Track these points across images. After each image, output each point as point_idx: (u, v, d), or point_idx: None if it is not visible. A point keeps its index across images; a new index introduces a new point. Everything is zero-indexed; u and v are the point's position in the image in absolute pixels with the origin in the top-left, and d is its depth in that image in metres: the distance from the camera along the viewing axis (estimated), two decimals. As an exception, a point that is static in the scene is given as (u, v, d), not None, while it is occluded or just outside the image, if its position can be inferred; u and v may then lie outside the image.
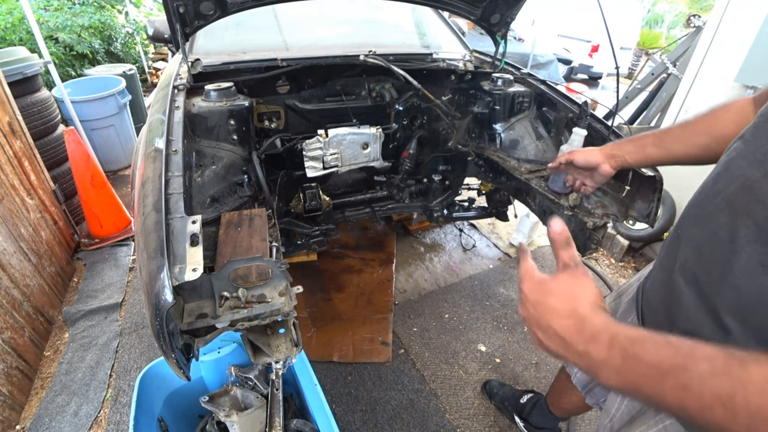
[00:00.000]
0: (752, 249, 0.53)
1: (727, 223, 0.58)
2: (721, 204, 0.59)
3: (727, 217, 0.58)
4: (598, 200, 1.59)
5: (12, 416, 1.60)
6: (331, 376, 1.85)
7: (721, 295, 0.58)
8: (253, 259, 0.84)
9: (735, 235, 0.56)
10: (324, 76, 1.81)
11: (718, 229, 0.59)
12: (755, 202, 0.53)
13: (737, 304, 0.56)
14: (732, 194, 0.58)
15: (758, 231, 0.53)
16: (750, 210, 0.54)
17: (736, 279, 0.55)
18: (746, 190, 0.55)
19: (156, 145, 1.07)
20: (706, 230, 0.62)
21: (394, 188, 2.24)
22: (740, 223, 0.55)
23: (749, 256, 0.54)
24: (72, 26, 4.13)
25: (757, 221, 0.53)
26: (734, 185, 0.58)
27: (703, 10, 11.25)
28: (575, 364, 0.53)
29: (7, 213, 1.85)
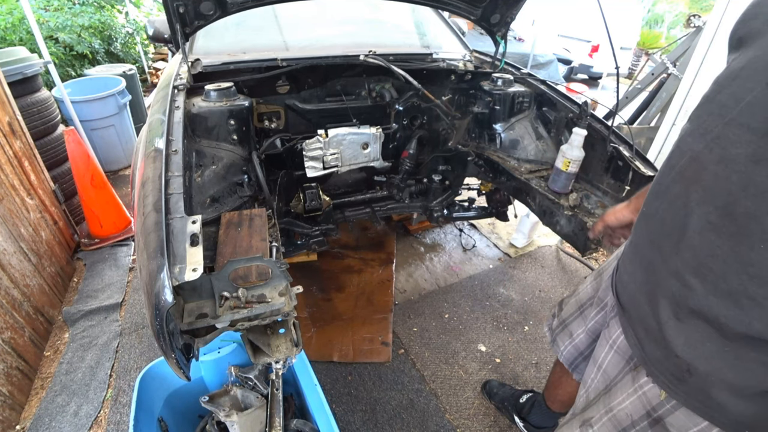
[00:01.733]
0: (701, 210, 0.60)
1: (680, 192, 0.65)
2: (675, 177, 0.67)
3: (680, 186, 0.65)
4: (598, 200, 1.59)
5: (12, 416, 1.60)
6: (331, 376, 1.85)
7: (680, 256, 0.64)
8: (253, 259, 0.84)
9: (687, 201, 0.63)
10: (324, 76, 1.81)
11: (674, 198, 0.66)
12: (702, 169, 0.61)
13: (694, 261, 0.62)
14: (683, 166, 0.65)
15: (704, 193, 0.60)
16: (698, 177, 0.62)
17: (691, 239, 0.62)
18: (693, 161, 0.63)
19: (156, 145, 1.07)
20: (665, 201, 0.69)
21: (394, 188, 2.24)
22: (691, 189, 0.63)
23: (699, 217, 0.61)
24: (72, 26, 4.13)
25: (704, 185, 0.60)
26: (684, 159, 0.65)
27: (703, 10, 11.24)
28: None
29: (7, 213, 1.85)
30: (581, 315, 1.13)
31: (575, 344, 1.15)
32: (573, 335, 1.15)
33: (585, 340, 1.12)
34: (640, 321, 0.76)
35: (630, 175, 1.45)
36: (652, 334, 0.72)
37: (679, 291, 0.65)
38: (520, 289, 2.44)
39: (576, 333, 1.14)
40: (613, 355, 0.91)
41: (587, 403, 0.96)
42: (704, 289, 0.61)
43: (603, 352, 0.94)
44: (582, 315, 1.13)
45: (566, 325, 1.19)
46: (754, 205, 0.54)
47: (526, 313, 2.27)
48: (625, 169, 1.47)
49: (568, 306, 1.21)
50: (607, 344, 0.93)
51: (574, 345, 1.15)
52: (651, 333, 0.72)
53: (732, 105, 0.58)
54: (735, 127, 0.57)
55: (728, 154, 0.57)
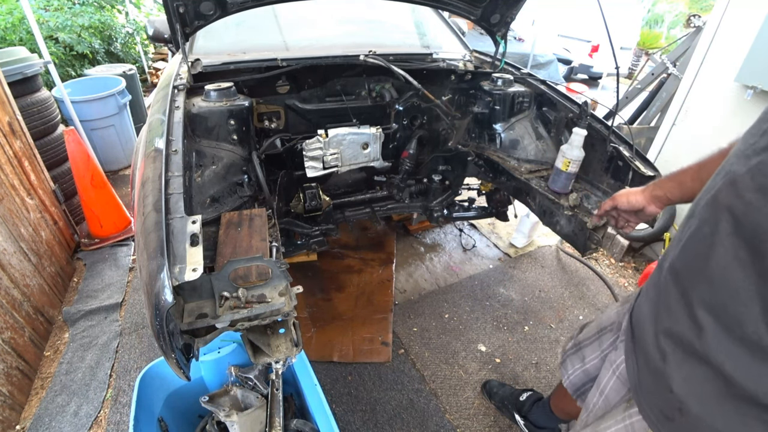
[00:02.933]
0: (729, 242, 0.54)
1: (710, 217, 0.58)
2: (709, 199, 0.60)
3: (712, 211, 0.58)
4: (598, 200, 1.59)
5: (12, 416, 1.60)
6: (331, 376, 1.85)
7: (697, 289, 0.58)
8: (253, 259, 0.84)
9: (716, 229, 0.56)
10: (324, 76, 1.81)
11: (703, 223, 0.60)
12: (736, 196, 0.54)
13: (711, 297, 0.56)
14: (719, 189, 0.58)
15: (735, 224, 0.53)
16: (730, 204, 0.55)
17: (712, 272, 0.56)
18: (730, 184, 0.56)
19: (156, 145, 1.07)
20: (694, 224, 0.62)
21: (394, 188, 2.24)
22: (721, 216, 0.56)
23: (726, 249, 0.54)
24: (72, 26, 4.13)
25: (735, 215, 0.54)
26: (723, 181, 0.58)
27: (703, 10, 11.24)
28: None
29: (7, 213, 1.85)
30: (598, 340, 1.06)
31: (586, 369, 1.08)
32: (585, 359, 1.08)
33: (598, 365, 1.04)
34: (643, 349, 0.71)
35: (630, 175, 1.45)
36: (651, 364, 0.67)
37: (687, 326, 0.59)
38: (520, 289, 2.44)
39: (589, 357, 1.07)
40: (615, 381, 0.87)
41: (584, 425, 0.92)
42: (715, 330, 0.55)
43: (606, 377, 0.90)
44: (599, 340, 1.06)
45: (580, 348, 1.12)
46: None
47: (526, 313, 2.27)
48: (625, 169, 1.47)
49: (587, 329, 1.14)
50: (611, 369, 0.89)
51: (584, 370, 1.08)
52: (651, 362, 0.67)
53: None
54: None
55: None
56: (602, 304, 2.38)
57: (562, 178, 1.60)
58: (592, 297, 2.42)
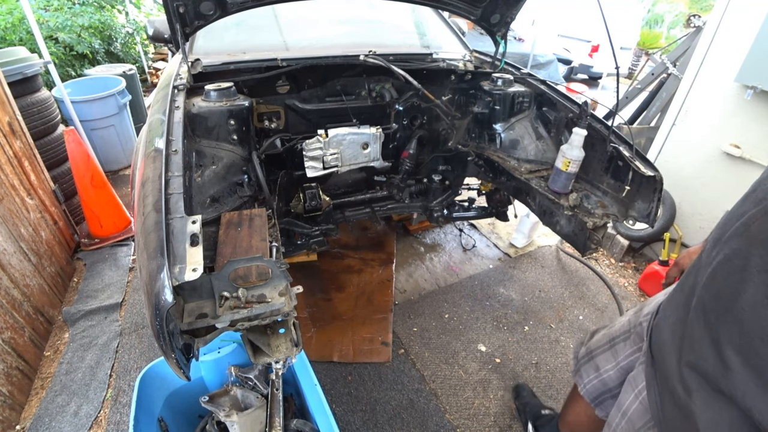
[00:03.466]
0: (761, 279, 0.49)
1: (741, 249, 0.53)
2: (740, 228, 0.55)
3: (743, 242, 0.54)
4: (598, 200, 1.59)
5: (12, 416, 1.60)
6: (331, 376, 1.85)
7: (725, 327, 0.54)
8: (253, 259, 0.84)
9: (747, 264, 0.51)
10: (324, 76, 1.81)
11: (732, 255, 0.55)
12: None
13: (740, 338, 0.52)
14: (752, 218, 0.54)
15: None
16: (765, 238, 0.50)
17: (741, 311, 0.52)
18: (766, 215, 0.51)
19: (156, 145, 1.07)
20: (722, 254, 0.57)
21: (394, 188, 2.24)
22: (754, 250, 0.51)
23: (757, 287, 0.50)
24: (72, 26, 4.13)
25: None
26: (757, 209, 0.53)
27: (703, 10, 11.24)
28: None
29: (7, 213, 1.85)
30: (611, 349, 1.06)
31: (602, 380, 1.07)
32: (600, 369, 1.08)
33: (615, 378, 1.03)
34: (666, 380, 0.67)
35: (630, 175, 1.45)
36: (676, 399, 0.63)
37: (714, 366, 0.55)
38: (520, 289, 2.44)
39: (604, 368, 1.07)
40: (638, 405, 0.84)
41: None
42: (744, 372, 0.51)
43: (628, 399, 0.87)
44: (612, 349, 1.05)
45: (593, 357, 1.11)
46: None
47: (526, 313, 2.27)
48: (625, 169, 1.47)
49: (598, 335, 1.13)
50: (633, 392, 0.86)
51: (601, 380, 1.08)
52: (675, 397, 0.63)
53: None
54: None
55: None
56: (602, 304, 2.38)
57: (562, 178, 1.60)
58: (592, 297, 2.42)
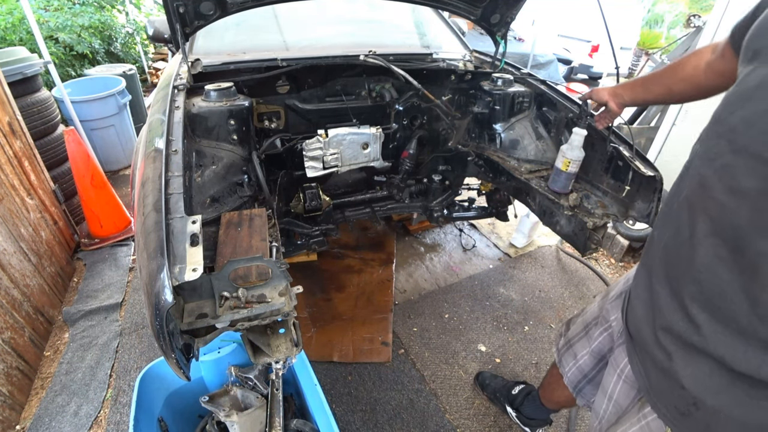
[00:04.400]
0: (709, 243, 0.57)
1: (687, 220, 0.61)
2: (683, 203, 0.63)
3: (687, 214, 0.61)
4: (598, 200, 1.59)
5: (12, 416, 1.60)
6: (331, 376, 1.85)
7: (687, 289, 0.61)
8: (253, 259, 0.84)
9: (694, 231, 0.59)
10: (324, 76, 1.81)
11: (681, 226, 0.63)
12: (708, 198, 0.57)
13: (701, 297, 0.58)
14: (691, 192, 0.62)
15: (713, 225, 0.56)
16: (705, 206, 0.58)
17: (698, 273, 0.58)
18: (701, 187, 0.59)
19: (156, 145, 1.07)
20: (672, 228, 0.65)
21: (394, 188, 2.24)
22: (697, 218, 0.59)
23: (706, 249, 0.57)
24: (72, 26, 4.13)
25: (711, 216, 0.57)
26: (693, 184, 0.62)
27: (703, 10, 11.23)
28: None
29: (7, 213, 1.85)
30: (586, 335, 1.10)
31: (579, 366, 1.11)
32: (577, 356, 1.11)
33: (589, 362, 1.08)
34: (646, 350, 0.73)
35: (630, 175, 1.45)
36: (659, 365, 0.68)
37: (685, 326, 0.61)
38: (520, 289, 2.44)
39: (580, 354, 1.10)
40: (623, 384, 0.87)
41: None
42: (711, 325, 0.57)
43: (612, 382, 0.90)
44: (587, 335, 1.09)
45: (571, 345, 1.15)
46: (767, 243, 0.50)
47: (526, 313, 2.27)
48: (625, 169, 1.47)
49: (574, 326, 1.18)
50: (615, 373, 0.89)
51: (578, 367, 1.11)
52: (658, 364, 0.69)
53: (742, 130, 0.54)
54: (746, 156, 0.52)
55: (738, 185, 0.53)
56: (602, 304, 2.38)
57: (562, 178, 1.60)
58: (592, 297, 2.42)
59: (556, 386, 1.43)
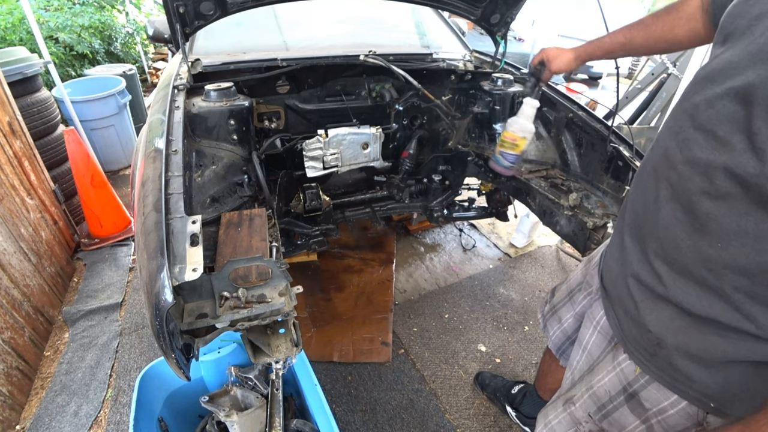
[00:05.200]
0: (669, 206, 0.65)
1: (653, 187, 0.70)
2: (650, 171, 0.72)
3: (653, 181, 0.70)
4: (598, 200, 1.59)
5: (12, 416, 1.60)
6: (331, 376, 1.85)
7: (651, 245, 0.70)
8: (253, 259, 0.84)
9: (658, 195, 0.68)
10: (324, 76, 1.81)
11: (647, 191, 0.72)
12: (670, 167, 0.66)
13: (662, 251, 0.68)
14: (656, 162, 0.71)
15: (673, 191, 0.65)
16: (667, 175, 0.66)
17: (660, 231, 0.68)
18: (664, 158, 0.68)
19: (156, 145, 1.07)
20: (640, 193, 0.75)
21: (394, 188, 2.24)
22: (660, 185, 0.68)
23: (667, 212, 0.66)
24: (72, 26, 4.13)
25: (672, 183, 0.65)
26: (658, 154, 0.70)
27: (703, 10, 11.19)
28: None
29: (7, 213, 1.85)
30: (570, 300, 1.16)
31: (563, 329, 1.17)
32: (562, 320, 1.18)
33: (573, 324, 1.14)
34: (619, 302, 0.82)
35: (630, 175, 1.45)
36: (629, 314, 0.78)
37: (650, 277, 0.71)
38: (520, 289, 2.44)
39: (564, 318, 1.17)
40: (597, 335, 0.95)
41: (572, 383, 1.00)
42: (670, 276, 0.67)
43: (587, 334, 0.98)
44: (571, 300, 1.15)
45: (556, 311, 1.21)
46: (714, 206, 0.58)
47: (526, 313, 2.27)
48: (625, 169, 1.47)
49: (559, 292, 1.23)
50: (591, 325, 0.97)
51: (562, 330, 1.18)
52: (629, 313, 0.78)
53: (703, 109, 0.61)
54: (703, 132, 0.60)
55: (694, 157, 0.61)
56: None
57: (507, 157, 1.49)
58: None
59: (549, 372, 1.47)
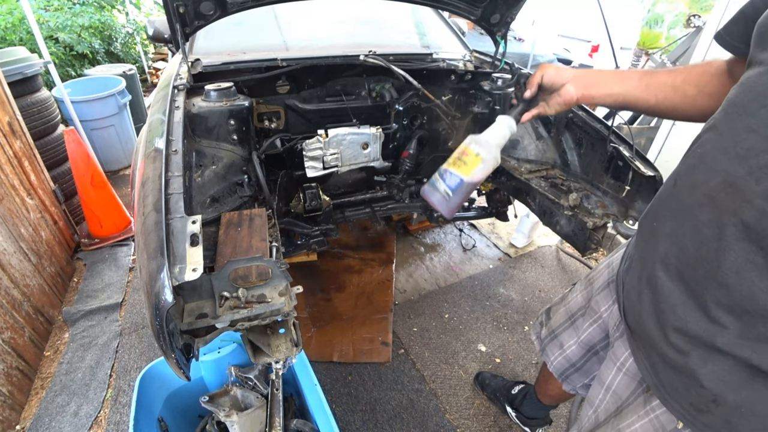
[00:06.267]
0: (740, 247, 0.54)
1: (711, 221, 0.57)
2: (702, 199, 0.59)
3: (711, 214, 0.57)
4: (598, 200, 1.59)
5: (12, 416, 1.60)
6: (331, 376, 1.85)
7: (710, 292, 0.58)
8: (253, 259, 0.83)
9: (722, 233, 0.56)
10: (324, 76, 1.81)
11: (701, 226, 0.59)
12: (742, 201, 0.53)
13: (729, 300, 0.56)
14: (714, 190, 0.57)
15: (746, 230, 0.53)
16: (737, 209, 0.54)
17: (726, 277, 0.56)
18: (730, 186, 0.55)
19: (156, 145, 1.07)
20: (688, 226, 0.61)
21: (394, 188, 2.23)
22: (726, 221, 0.55)
23: (737, 254, 0.54)
24: (72, 26, 4.13)
25: (744, 220, 0.53)
26: (715, 180, 0.57)
27: (703, 10, 11.22)
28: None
29: (7, 213, 1.85)
30: (572, 326, 1.10)
31: (566, 356, 1.12)
32: (564, 346, 1.12)
33: (577, 352, 1.08)
34: (652, 346, 0.72)
35: (630, 175, 1.45)
36: (669, 362, 0.67)
37: (705, 326, 0.60)
38: (520, 289, 2.44)
39: (567, 344, 1.10)
40: (623, 377, 0.86)
41: (596, 424, 0.91)
42: (739, 329, 0.57)
43: (611, 374, 0.89)
44: (573, 326, 1.09)
45: (556, 336, 1.15)
46: None
47: (526, 313, 2.27)
48: (625, 169, 1.47)
49: (557, 315, 1.17)
50: (615, 366, 0.88)
51: (565, 357, 1.12)
52: (668, 361, 0.68)
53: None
54: None
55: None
56: (602, 304, 2.38)
57: (452, 179, 1.02)
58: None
59: (548, 380, 1.44)
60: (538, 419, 1.62)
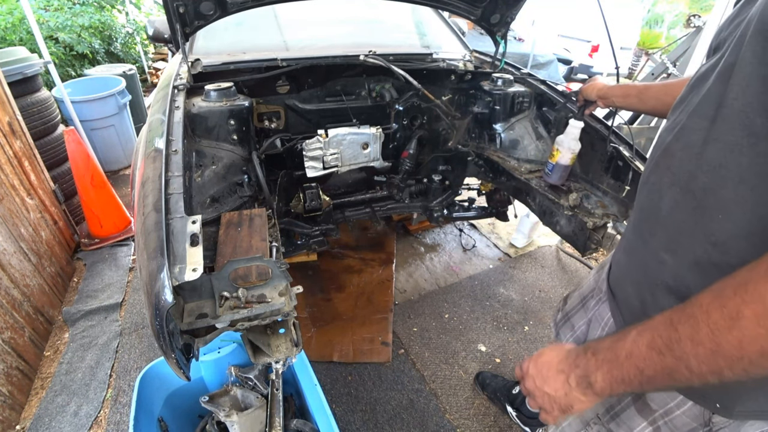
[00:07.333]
0: (671, 192, 0.68)
1: (656, 180, 0.73)
2: (653, 168, 0.76)
3: (656, 175, 0.74)
4: (598, 200, 1.59)
5: (12, 416, 1.60)
6: (331, 376, 1.85)
7: (655, 237, 0.72)
8: (253, 259, 0.84)
9: (660, 186, 0.71)
10: (324, 76, 1.81)
11: (651, 186, 0.75)
12: (670, 156, 0.70)
13: (666, 239, 0.69)
14: (658, 157, 0.75)
15: (672, 177, 0.68)
16: (668, 164, 0.70)
17: (663, 220, 0.70)
18: (665, 151, 0.72)
19: (156, 145, 1.07)
20: (645, 191, 0.78)
21: (394, 188, 2.24)
22: (663, 176, 0.71)
23: (668, 198, 0.69)
24: (72, 26, 4.14)
25: (672, 170, 0.69)
26: (659, 151, 0.74)
27: (703, 10, 11.21)
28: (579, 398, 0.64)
29: (7, 213, 1.85)
30: (583, 307, 1.14)
31: (576, 336, 1.15)
32: (575, 327, 1.16)
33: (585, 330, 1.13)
34: (625, 303, 0.84)
35: (630, 175, 1.45)
36: (635, 314, 0.79)
37: (655, 268, 0.72)
38: (520, 289, 2.44)
39: (577, 325, 1.15)
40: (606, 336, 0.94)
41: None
42: (675, 262, 0.67)
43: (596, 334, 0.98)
44: (584, 307, 1.14)
45: (569, 318, 1.20)
46: (709, 179, 0.61)
47: (526, 313, 2.27)
48: (625, 169, 1.47)
49: (572, 299, 1.23)
50: (599, 326, 0.97)
51: (575, 337, 1.16)
52: (634, 313, 0.80)
53: (695, 101, 0.66)
54: (695, 117, 0.65)
55: (689, 140, 0.66)
56: (602, 304, 2.38)
57: (559, 169, 1.62)
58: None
59: None
60: (538, 419, 1.62)
